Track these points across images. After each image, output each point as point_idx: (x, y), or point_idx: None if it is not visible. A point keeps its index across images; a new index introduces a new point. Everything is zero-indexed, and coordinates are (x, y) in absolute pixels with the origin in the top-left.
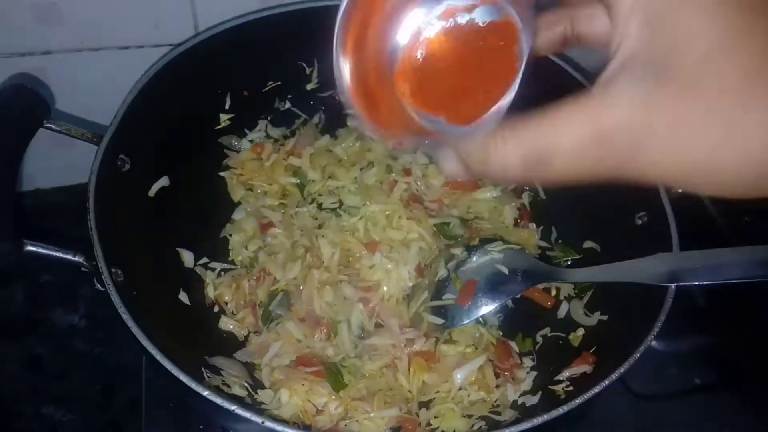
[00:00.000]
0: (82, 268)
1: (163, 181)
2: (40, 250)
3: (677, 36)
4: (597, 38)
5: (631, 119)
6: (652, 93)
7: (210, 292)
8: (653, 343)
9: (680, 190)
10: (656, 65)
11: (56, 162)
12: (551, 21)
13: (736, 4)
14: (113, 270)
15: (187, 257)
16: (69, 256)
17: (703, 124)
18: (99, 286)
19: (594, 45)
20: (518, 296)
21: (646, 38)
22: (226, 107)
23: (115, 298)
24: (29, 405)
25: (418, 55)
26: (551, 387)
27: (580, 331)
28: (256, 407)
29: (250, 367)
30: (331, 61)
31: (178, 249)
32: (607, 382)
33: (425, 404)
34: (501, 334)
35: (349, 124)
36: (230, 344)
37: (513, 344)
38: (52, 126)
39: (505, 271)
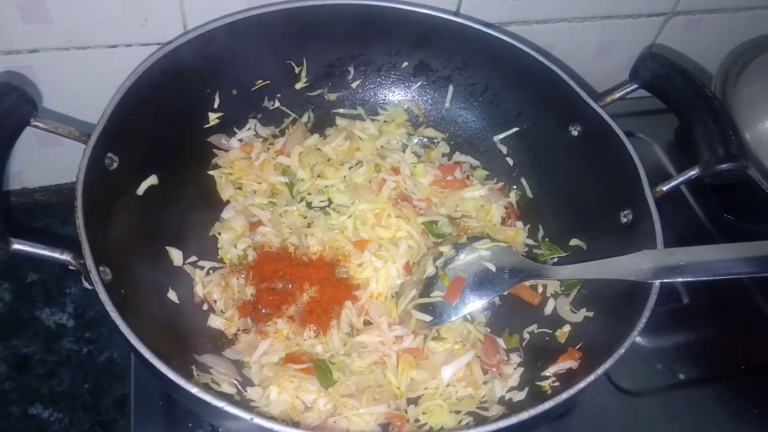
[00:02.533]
0: (70, 267)
1: (152, 180)
2: (27, 248)
3: None
4: None
5: None
6: None
7: (199, 290)
8: (638, 339)
9: (664, 189)
10: None
11: (43, 161)
12: None
13: None
14: (101, 268)
15: (176, 256)
16: (56, 255)
17: None
18: (87, 285)
19: None
20: (505, 293)
21: None
22: (215, 106)
23: (104, 297)
24: (17, 405)
25: None
26: (538, 383)
27: (567, 328)
28: (245, 404)
29: (239, 365)
30: (319, 61)
31: (166, 247)
32: (592, 377)
33: (413, 401)
34: (488, 330)
35: (337, 123)
36: (219, 342)
37: (500, 341)
38: (40, 124)
39: (493, 268)
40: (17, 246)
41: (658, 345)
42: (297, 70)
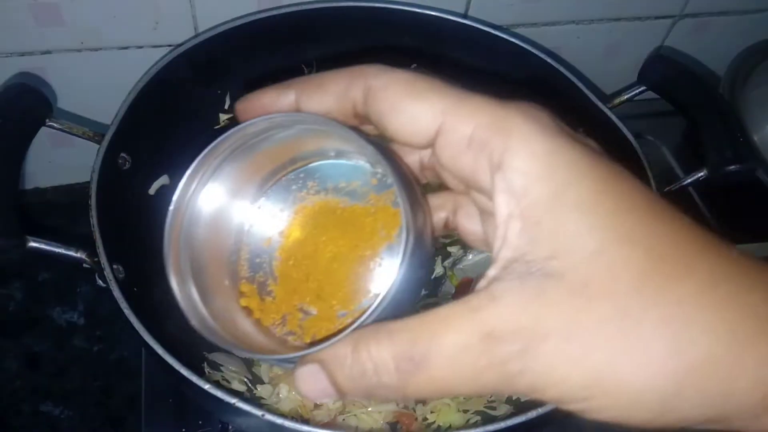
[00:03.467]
0: (84, 265)
1: (164, 180)
2: (42, 246)
3: (559, 240)
4: (475, 237)
5: (519, 319)
6: (540, 294)
7: None
8: None
9: (672, 190)
10: (541, 269)
11: (55, 161)
12: (435, 204)
13: (615, 207)
14: (115, 266)
15: None
16: (71, 253)
17: (599, 326)
18: (101, 282)
19: (472, 243)
20: None
21: (526, 244)
22: (226, 107)
23: (117, 294)
24: (28, 403)
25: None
26: None
27: None
28: (255, 401)
29: (249, 363)
30: (329, 62)
31: None
32: None
33: (421, 399)
34: None
35: None
36: None
37: None
38: (54, 124)
39: None
40: (33, 244)
41: None
42: (306, 71)
